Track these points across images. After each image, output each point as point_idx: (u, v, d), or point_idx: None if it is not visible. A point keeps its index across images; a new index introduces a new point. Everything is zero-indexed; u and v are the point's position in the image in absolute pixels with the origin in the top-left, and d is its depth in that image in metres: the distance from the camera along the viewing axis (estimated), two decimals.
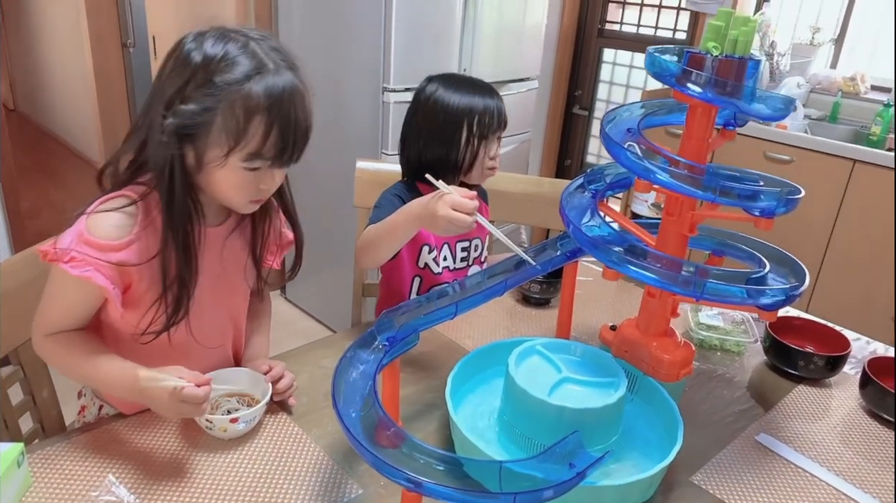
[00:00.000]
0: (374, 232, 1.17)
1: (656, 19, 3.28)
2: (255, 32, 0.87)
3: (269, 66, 0.84)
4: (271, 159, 0.87)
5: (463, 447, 0.89)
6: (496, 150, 1.30)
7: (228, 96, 0.82)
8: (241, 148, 0.84)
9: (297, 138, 0.87)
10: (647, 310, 1.00)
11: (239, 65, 0.82)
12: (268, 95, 0.83)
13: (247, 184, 0.88)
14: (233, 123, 0.82)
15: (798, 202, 0.87)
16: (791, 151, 2.52)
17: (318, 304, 2.79)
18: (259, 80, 0.82)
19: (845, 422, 1.09)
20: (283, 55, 0.87)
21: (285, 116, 0.84)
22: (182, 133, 0.83)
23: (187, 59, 0.83)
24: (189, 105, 0.82)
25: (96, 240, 0.85)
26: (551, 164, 3.69)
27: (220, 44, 0.84)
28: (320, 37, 2.35)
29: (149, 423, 0.95)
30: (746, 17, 0.85)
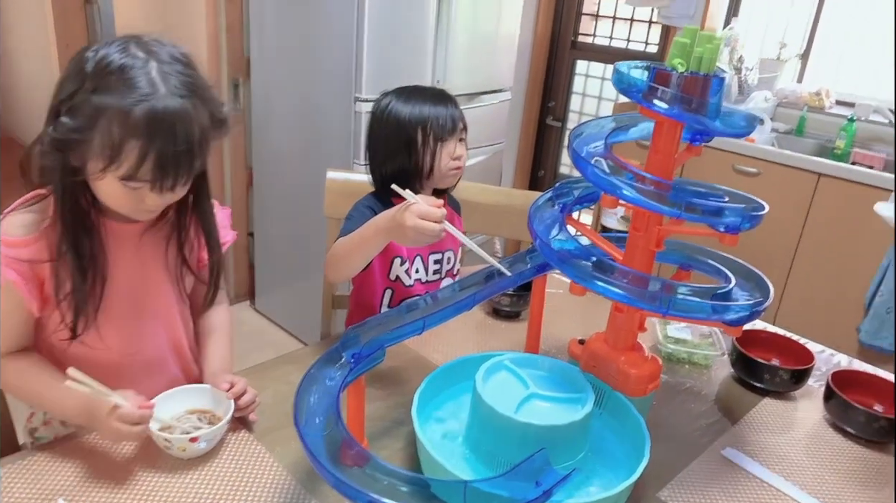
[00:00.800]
0: (342, 245, 1.16)
1: (628, 32, 3.33)
2: (168, 52, 0.86)
3: (159, 90, 0.82)
4: (148, 183, 0.85)
5: (429, 465, 0.87)
6: (458, 150, 1.30)
7: (107, 116, 0.80)
8: (115, 168, 0.82)
9: (179, 166, 0.85)
10: (614, 324, 1.00)
11: (125, 85, 0.81)
12: (147, 121, 0.80)
13: (129, 198, 0.87)
14: (108, 144, 0.81)
15: (762, 218, 0.88)
16: (759, 164, 2.56)
17: (288, 315, 2.75)
18: (141, 105, 0.80)
19: (810, 436, 1.10)
20: (186, 80, 0.85)
21: (163, 144, 0.82)
22: (60, 147, 0.83)
23: (82, 67, 0.82)
24: (69, 119, 0.81)
25: (7, 237, 0.87)
26: (525, 174, 3.71)
27: (119, 57, 0.82)
28: (292, 46, 2.33)
29: (105, 443, 0.92)
30: (711, 35, 0.85)
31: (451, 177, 1.32)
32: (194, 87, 0.85)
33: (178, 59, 0.86)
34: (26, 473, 0.86)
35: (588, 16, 3.43)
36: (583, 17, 3.42)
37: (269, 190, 2.64)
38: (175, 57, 0.86)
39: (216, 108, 0.89)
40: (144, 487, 0.85)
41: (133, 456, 0.90)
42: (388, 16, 2.11)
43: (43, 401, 0.91)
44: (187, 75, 0.85)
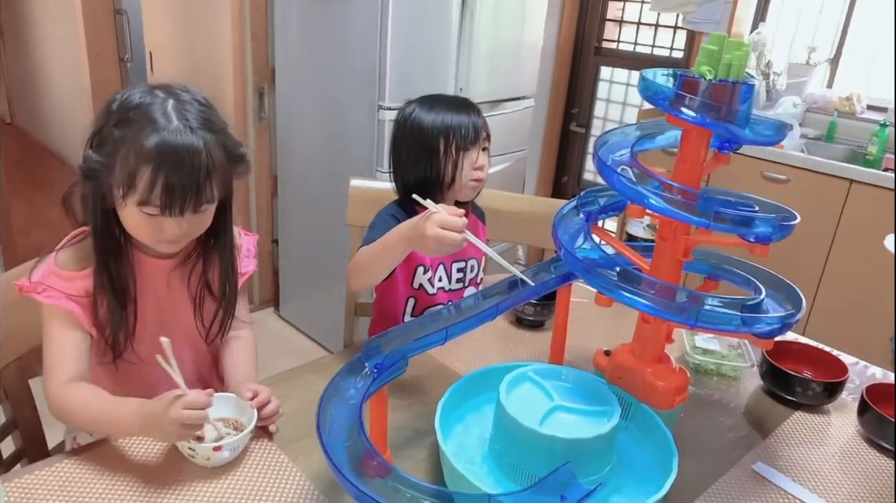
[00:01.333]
0: (364, 254, 1.16)
1: (653, 38, 3.30)
2: (190, 95, 0.95)
3: (172, 124, 0.89)
4: (159, 209, 0.91)
5: (452, 478, 0.86)
6: (480, 160, 1.29)
7: (125, 145, 0.89)
8: (132, 194, 0.90)
9: (185, 193, 0.91)
10: (641, 335, 0.99)
11: (143, 119, 0.89)
12: (158, 151, 0.88)
13: (148, 226, 0.94)
14: (125, 171, 0.89)
15: (793, 228, 0.86)
16: (788, 171, 2.52)
17: (312, 322, 2.76)
18: (154, 136, 0.88)
19: (844, 451, 1.07)
20: (203, 118, 0.92)
21: (170, 171, 0.88)
22: (88, 176, 0.92)
23: (108, 106, 0.93)
24: (95, 151, 0.91)
25: (63, 270, 0.96)
26: (548, 181, 3.69)
27: (139, 97, 0.92)
28: (316, 55, 2.35)
29: (131, 451, 0.93)
30: (740, 42, 0.84)
31: (471, 188, 1.31)
32: (208, 123, 0.93)
33: (198, 100, 0.95)
34: (53, 480, 0.87)
35: (612, 21, 3.41)
36: (607, 22, 3.40)
37: (293, 197, 2.66)
38: (195, 98, 0.95)
39: (233, 146, 0.96)
40: (169, 496, 0.86)
41: (157, 464, 0.91)
42: (411, 24, 2.12)
43: (101, 423, 0.93)
44: (202, 113, 0.93)
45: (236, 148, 0.97)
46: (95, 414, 0.92)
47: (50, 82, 4.58)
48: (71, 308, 0.94)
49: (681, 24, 3.10)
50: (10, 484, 0.85)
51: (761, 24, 2.91)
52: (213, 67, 2.77)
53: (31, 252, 1.15)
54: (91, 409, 0.92)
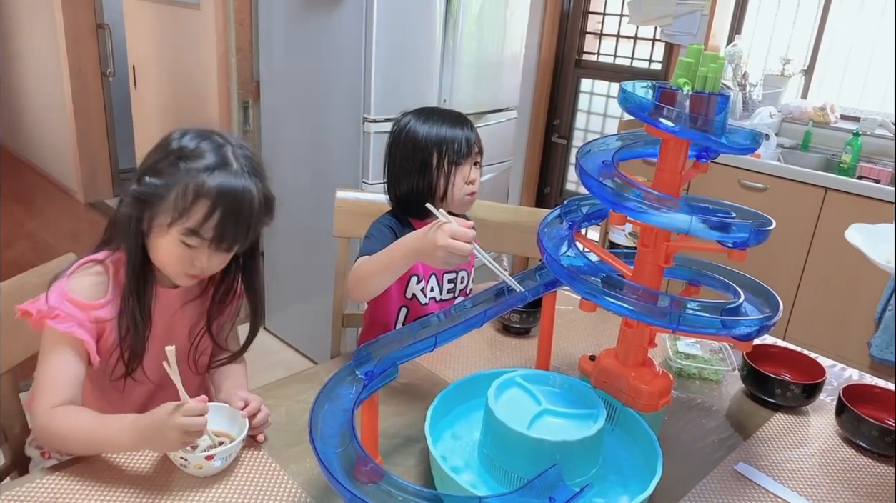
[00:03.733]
0: (367, 266, 1.16)
1: (632, 50, 3.36)
2: (237, 140, 1.01)
3: (232, 166, 0.96)
4: (208, 240, 0.96)
5: (443, 482, 0.88)
6: (473, 174, 1.31)
7: (186, 178, 0.94)
8: (182, 222, 0.94)
9: (237, 231, 0.97)
10: (624, 340, 1.01)
11: (205, 158, 0.95)
12: (219, 187, 0.94)
13: (182, 257, 0.97)
14: (182, 201, 0.94)
15: (769, 233, 0.89)
16: (765, 179, 2.57)
17: (298, 334, 2.76)
18: (217, 175, 0.94)
19: (823, 450, 1.10)
20: (251, 163, 0.99)
21: (230, 208, 0.95)
22: (141, 199, 0.96)
23: (168, 145, 0.98)
24: (153, 178, 0.95)
25: (79, 299, 0.96)
26: (531, 192, 3.73)
27: (198, 140, 0.97)
28: (301, 68, 2.36)
29: (123, 462, 0.93)
30: (715, 55, 0.87)
31: (465, 203, 1.33)
32: (258, 172, 1.00)
33: (246, 147, 1.01)
34: (44, 493, 0.87)
35: (592, 34, 3.47)
36: (587, 35, 3.46)
37: (279, 209, 2.65)
38: (243, 146, 1.01)
39: (270, 196, 1.02)
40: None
41: (149, 474, 0.91)
42: (395, 38, 2.15)
43: (93, 442, 0.92)
44: (254, 161, 1.00)
45: (272, 199, 1.03)
46: (87, 433, 0.91)
47: (30, 97, 4.55)
48: (82, 337, 0.95)
49: (659, 37, 3.16)
50: None
51: (737, 36, 2.98)
52: (198, 81, 2.78)
53: (11, 266, 1.15)
54: (82, 429, 0.91)
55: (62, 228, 3.90)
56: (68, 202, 4.26)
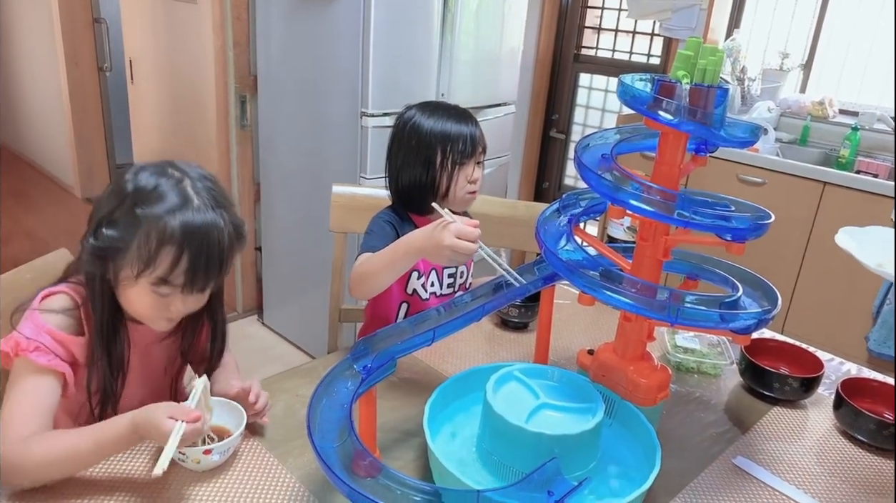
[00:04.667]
0: (370, 264, 1.15)
1: (631, 45, 3.35)
2: (196, 171, 0.95)
3: (193, 202, 0.90)
4: (180, 286, 0.91)
5: (441, 476, 0.88)
6: (476, 174, 1.31)
7: (146, 225, 0.88)
8: (149, 272, 0.89)
9: (209, 271, 0.92)
10: (623, 334, 1.01)
11: (164, 199, 0.89)
12: (183, 229, 0.88)
13: (156, 305, 0.93)
14: (145, 250, 0.88)
15: (768, 227, 0.88)
16: (763, 174, 2.57)
17: (295, 329, 2.76)
18: (178, 215, 0.88)
19: (820, 444, 1.10)
20: (214, 195, 0.93)
21: (196, 249, 0.89)
22: (101, 254, 0.90)
23: (122, 187, 0.91)
24: (110, 230, 0.89)
25: (56, 331, 0.92)
26: (529, 186, 3.73)
27: (155, 178, 0.91)
28: (298, 62, 2.36)
29: (119, 456, 0.92)
30: (714, 48, 0.87)
31: (468, 201, 1.33)
32: (223, 202, 0.94)
33: (207, 177, 0.95)
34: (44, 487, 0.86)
35: (591, 29, 3.46)
36: (585, 30, 3.45)
37: (276, 204, 2.66)
38: (204, 176, 0.95)
39: (239, 224, 0.96)
40: (160, 500, 0.86)
41: (147, 468, 0.91)
42: (393, 32, 2.14)
43: (83, 455, 0.87)
44: (216, 192, 0.94)
45: (242, 225, 0.97)
46: (73, 450, 0.86)
47: (27, 92, 4.53)
48: (63, 369, 0.91)
49: (657, 31, 3.16)
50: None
51: (735, 30, 2.97)
52: (195, 76, 2.77)
53: (8, 262, 1.14)
54: (67, 448, 0.85)
55: (59, 224, 3.89)
56: (65, 198, 4.24)
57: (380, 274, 1.14)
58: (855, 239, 1.07)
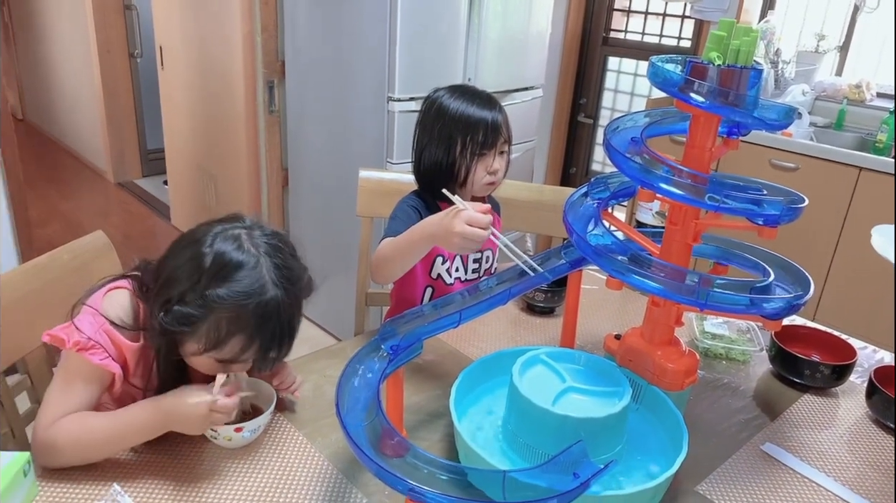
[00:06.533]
0: (388, 248, 1.17)
1: (661, 27, 3.29)
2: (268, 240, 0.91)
3: (266, 287, 0.87)
4: (245, 362, 0.91)
5: (467, 457, 0.89)
6: (496, 164, 1.29)
7: (219, 310, 0.86)
8: (216, 353, 0.88)
9: (278, 350, 0.91)
10: (651, 319, 1.00)
11: (239, 283, 0.86)
12: (255, 317, 0.86)
13: (218, 369, 0.92)
14: (214, 334, 0.87)
15: (801, 211, 0.87)
16: (796, 159, 2.51)
17: (323, 312, 2.79)
18: (252, 302, 0.86)
19: (852, 432, 1.08)
20: (287, 274, 0.90)
21: (268, 337, 0.89)
22: (168, 331, 0.88)
23: (200, 259, 0.88)
24: (182, 308, 0.86)
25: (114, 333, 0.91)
26: (556, 171, 3.70)
27: (232, 253, 0.88)
28: (326, 47, 2.36)
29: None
30: (748, 28, 0.85)
31: (487, 190, 1.32)
32: (294, 277, 0.92)
33: (279, 247, 0.92)
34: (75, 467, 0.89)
35: (620, 11, 3.41)
36: (614, 12, 3.40)
37: (304, 189, 2.68)
38: (276, 247, 0.91)
39: (309, 287, 0.96)
40: (192, 475, 0.88)
41: (180, 445, 0.93)
42: (419, 16, 2.13)
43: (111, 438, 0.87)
44: (289, 267, 0.91)
45: (310, 287, 0.96)
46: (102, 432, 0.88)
47: (61, 78, 4.62)
48: (115, 370, 0.90)
49: (688, 14, 3.09)
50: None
51: (770, 12, 2.90)
52: (223, 61, 2.79)
53: (44, 243, 1.17)
54: (95, 429, 0.88)
55: (93, 207, 3.97)
56: (98, 182, 4.33)
57: (397, 259, 1.15)
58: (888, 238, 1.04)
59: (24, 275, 1.07)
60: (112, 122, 4.12)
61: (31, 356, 1.06)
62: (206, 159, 3.18)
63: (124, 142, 4.24)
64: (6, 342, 1.01)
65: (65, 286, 1.07)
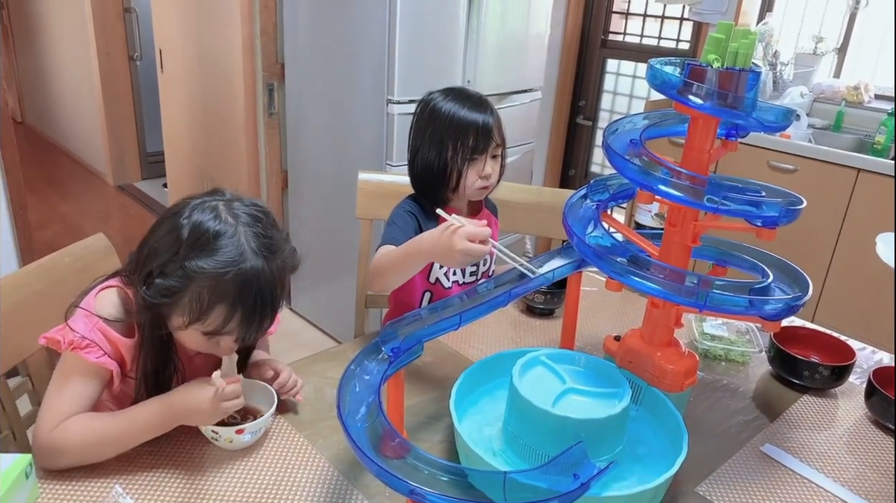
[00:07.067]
0: (387, 259, 1.17)
1: (659, 30, 3.30)
2: (249, 210, 0.92)
3: (246, 255, 0.88)
4: (231, 334, 0.92)
5: (467, 458, 0.89)
6: (487, 169, 1.28)
7: (199, 280, 0.86)
8: (200, 324, 0.89)
9: (260, 321, 0.92)
10: (650, 320, 1.01)
11: (217, 251, 0.87)
12: (236, 286, 0.87)
13: (207, 345, 0.93)
14: (197, 305, 0.87)
15: (800, 212, 0.87)
16: (795, 160, 2.52)
17: (322, 315, 2.79)
18: (232, 271, 0.86)
19: (851, 433, 1.09)
20: (266, 242, 0.90)
21: (250, 304, 0.89)
22: (151, 304, 0.89)
23: (177, 231, 0.88)
24: (163, 281, 0.87)
25: (110, 330, 0.92)
26: (555, 173, 3.70)
27: (210, 223, 0.88)
28: (325, 50, 2.37)
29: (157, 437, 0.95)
30: (746, 30, 0.85)
31: (479, 194, 1.32)
32: (274, 246, 0.92)
33: (259, 217, 0.92)
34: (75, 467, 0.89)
35: (618, 14, 3.41)
36: (613, 15, 3.41)
37: (303, 191, 2.69)
38: (256, 217, 0.92)
39: (293, 259, 0.96)
40: (193, 477, 0.89)
41: (182, 447, 0.93)
42: (419, 18, 2.14)
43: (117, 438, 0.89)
44: (268, 236, 0.91)
45: (294, 258, 0.96)
46: (105, 432, 0.88)
47: (60, 81, 4.62)
48: (112, 367, 0.91)
49: (687, 16, 3.10)
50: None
51: (768, 14, 2.91)
52: (223, 64, 2.80)
53: (44, 246, 1.17)
54: (100, 429, 0.88)
55: (93, 210, 3.98)
56: (98, 184, 4.33)
57: (394, 271, 1.15)
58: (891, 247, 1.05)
59: (26, 278, 1.07)
60: (112, 125, 4.12)
61: (32, 359, 1.06)
62: (205, 162, 3.18)
63: (124, 144, 4.25)
64: (7, 345, 1.01)
65: (66, 289, 1.07)
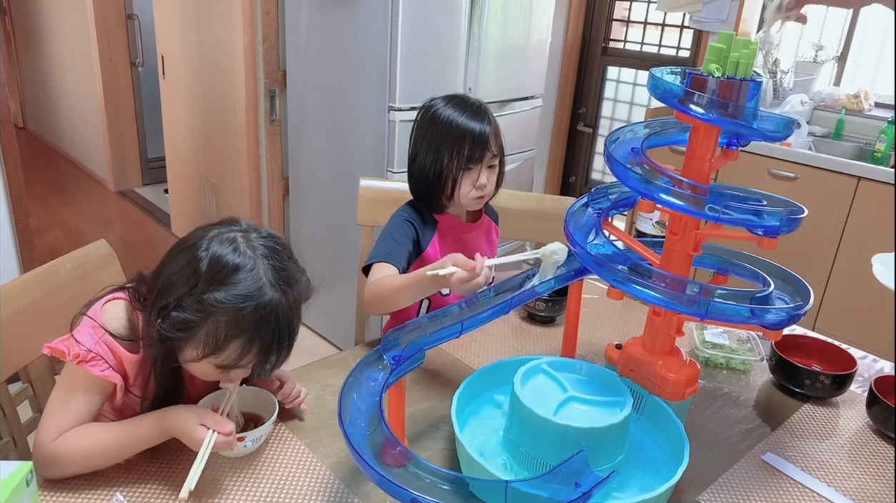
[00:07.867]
0: (381, 289, 1.17)
1: (660, 37, 3.31)
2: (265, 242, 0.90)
3: (266, 295, 0.86)
4: (244, 367, 0.90)
5: (469, 466, 0.89)
6: (482, 179, 1.28)
7: (217, 314, 0.85)
8: (214, 357, 0.87)
9: (279, 354, 0.91)
10: (651, 328, 1.01)
11: (236, 286, 0.85)
12: (255, 321, 0.85)
13: (217, 376, 0.92)
14: (213, 339, 0.86)
15: (801, 222, 0.87)
16: (795, 168, 2.53)
17: (323, 321, 2.79)
18: (249, 305, 0.85)
19: (853, 442, 1.09)
20: (284, 276, 0.89)
21: (267, 340, 0.87)
22: (166, 338, 0.87)
23: (196, 264, 0.86)
24: (180, 314, 0.85)
25: (115, 343, 0.90)
26: (556, 180, 3.71)
27: (228, 256, 0.86)
28: (327, 57, 2.37)
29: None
30: (747, 40, 0.86)
31: (475, 204, 1.32)
32: (292, 279, 0.91)
33: (276, 249, 0.91)
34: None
35: (619, 21, 3.43)
36: (613, 22, 3.42)
37: (305, 198, 2.69)
38: (274, 249, 0.90)
39: (307, 291, 0.95)
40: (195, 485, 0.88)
41: (183, 455, 0.93)
42: (420, 25, 2.15)
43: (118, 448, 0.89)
44: (285, 268, 0.90)
45: (308, 289, 0.95)
46: (108, 443, 0.88)
47: (62, 87, 4.63)
48: (116, 381, 0.90)
49: (687, 24, 3.11)
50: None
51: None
52: (225, 70, 2.81)
53: (45, 251, 1.17)
54: (102, 440, 0.88)
55: (94, 216, 3.98)
56: (99, 190, 4.34)
57: (389, 302, 1.16)
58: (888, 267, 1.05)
59: (27, 284, 1.07)
60: (113, 131, 4.13)
61: (33, 365, 1.06)
62: (206, 168, 3.19)
63: (125, 150, 4.26)
64: (8, 351, 1.01)
65: (67, 295, 1.07)
